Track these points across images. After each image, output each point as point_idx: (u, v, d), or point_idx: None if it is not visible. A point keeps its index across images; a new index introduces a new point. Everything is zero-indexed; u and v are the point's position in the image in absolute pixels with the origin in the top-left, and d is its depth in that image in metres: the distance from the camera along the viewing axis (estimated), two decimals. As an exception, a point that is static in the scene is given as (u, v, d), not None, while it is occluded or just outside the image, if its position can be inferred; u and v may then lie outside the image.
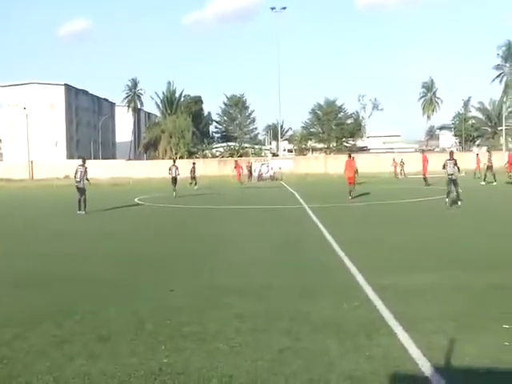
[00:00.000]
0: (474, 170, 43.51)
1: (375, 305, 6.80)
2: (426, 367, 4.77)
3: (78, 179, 21.54)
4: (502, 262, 9.42)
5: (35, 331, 6.16)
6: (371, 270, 8.85)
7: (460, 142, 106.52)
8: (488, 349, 5.19)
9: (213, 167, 73.36)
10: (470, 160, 47.75)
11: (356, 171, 26.74)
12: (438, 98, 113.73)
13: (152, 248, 12.63)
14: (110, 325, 6.31)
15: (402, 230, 14.52)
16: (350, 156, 27.17)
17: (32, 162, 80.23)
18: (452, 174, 20.18)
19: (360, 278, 8.32)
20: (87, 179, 21.79)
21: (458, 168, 20.44)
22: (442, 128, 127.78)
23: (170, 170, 33.73)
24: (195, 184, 41.12)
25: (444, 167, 20.35)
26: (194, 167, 43.44)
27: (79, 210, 21.08)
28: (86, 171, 21.74)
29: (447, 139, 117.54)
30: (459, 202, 19.71)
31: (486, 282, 7.93)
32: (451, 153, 21.91)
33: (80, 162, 22.50)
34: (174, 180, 33.05)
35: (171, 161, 37.61)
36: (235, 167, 48.67)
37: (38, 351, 5.48)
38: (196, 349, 5.43)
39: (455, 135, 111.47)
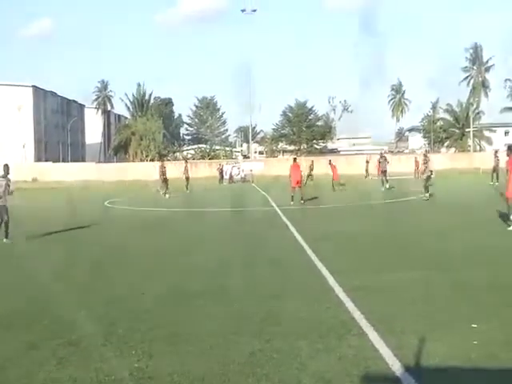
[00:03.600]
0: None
1: (346, 306, 6.84)
2: (396, 367, 4.81)
3: (0, 195, 14.41)
4: (471, 263, 9.62)
5: (4, 336, 6.06)
6: (342, 272, 8.90)
7: (429, 144, 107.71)
8: (457, 348, 5.26)
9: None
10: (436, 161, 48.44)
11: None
12: (407, 99, 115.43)
13: (120, 251, 12.54)
14: (80, 329, 6.22)
15: (377, 229, 14.58)
16: (295, 160, 26.40)
17: (-2, 164, 78.93)
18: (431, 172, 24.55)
19: (331, 280, 8.36)
20: (10, 193, 14.81)
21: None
22: (411, 130, 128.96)
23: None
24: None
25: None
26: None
27: (6, 237, 14.10)
28: (8, 184, 14.73)
29: (416, 141, 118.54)
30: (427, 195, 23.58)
31: (454, 282, 8.04)
32: (426, 154, 27.01)
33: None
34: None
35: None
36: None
37: (6, 358, 5.38)
38: (167, 352, 5.39)
39: (424, 137, 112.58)
